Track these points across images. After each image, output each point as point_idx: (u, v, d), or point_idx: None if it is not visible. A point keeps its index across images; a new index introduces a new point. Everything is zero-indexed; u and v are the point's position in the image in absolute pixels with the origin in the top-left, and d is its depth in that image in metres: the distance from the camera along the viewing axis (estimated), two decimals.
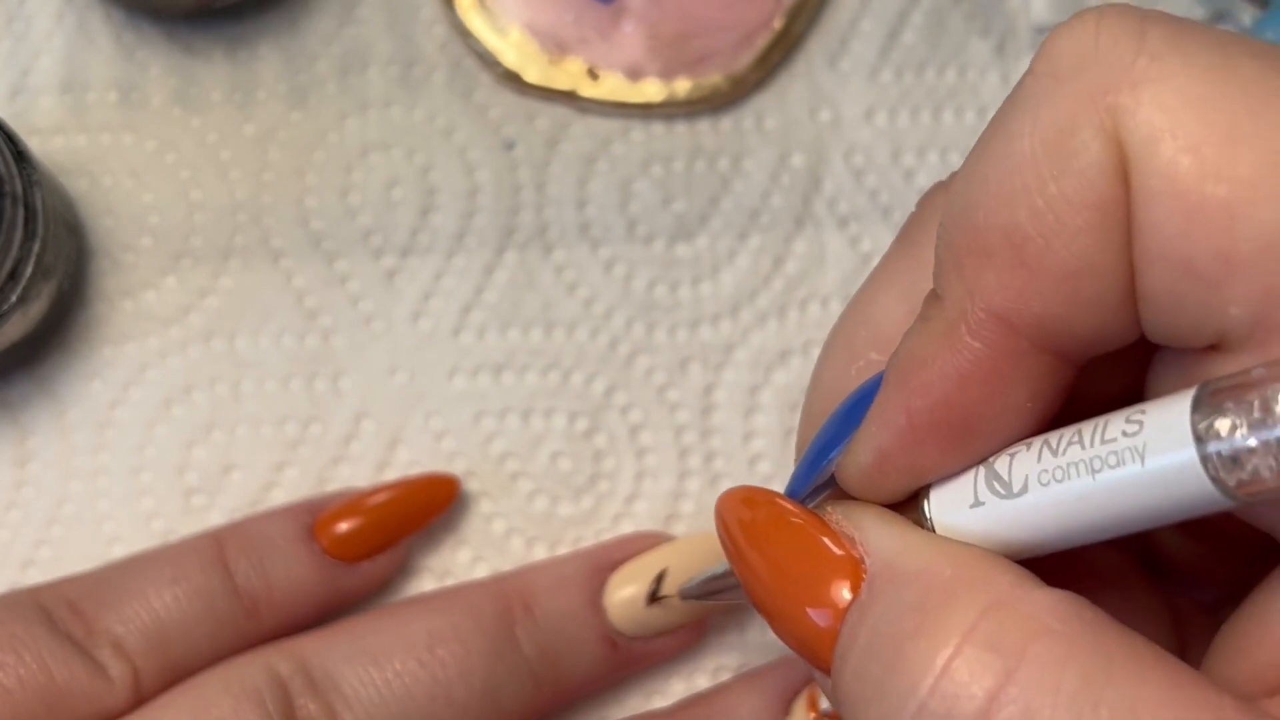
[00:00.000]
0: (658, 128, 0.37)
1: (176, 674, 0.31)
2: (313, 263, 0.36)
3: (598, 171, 0.37)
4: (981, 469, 0.22)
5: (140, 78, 0.36)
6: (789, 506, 0.23)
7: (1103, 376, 0.22)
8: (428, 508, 0.34)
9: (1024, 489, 0.21)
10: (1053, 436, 0.21)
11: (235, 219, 0.36)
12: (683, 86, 0.37)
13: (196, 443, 0.35)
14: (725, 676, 0.35)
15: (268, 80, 0.36)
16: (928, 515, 0.22)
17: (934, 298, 0.22)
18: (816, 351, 0.36)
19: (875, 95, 0.37)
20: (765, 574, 0.23)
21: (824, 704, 0.32)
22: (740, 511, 0.23)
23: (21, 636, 0.30)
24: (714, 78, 0.37)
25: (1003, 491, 0.21)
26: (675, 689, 0.35)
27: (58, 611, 0.30)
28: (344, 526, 0.33)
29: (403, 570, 0.35)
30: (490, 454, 0.35)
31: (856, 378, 0.25)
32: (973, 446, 0.22)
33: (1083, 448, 0.20)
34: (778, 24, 0.37)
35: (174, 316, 0.36)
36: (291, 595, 0.32)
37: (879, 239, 0.37)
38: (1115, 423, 0.20)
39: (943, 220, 0.22)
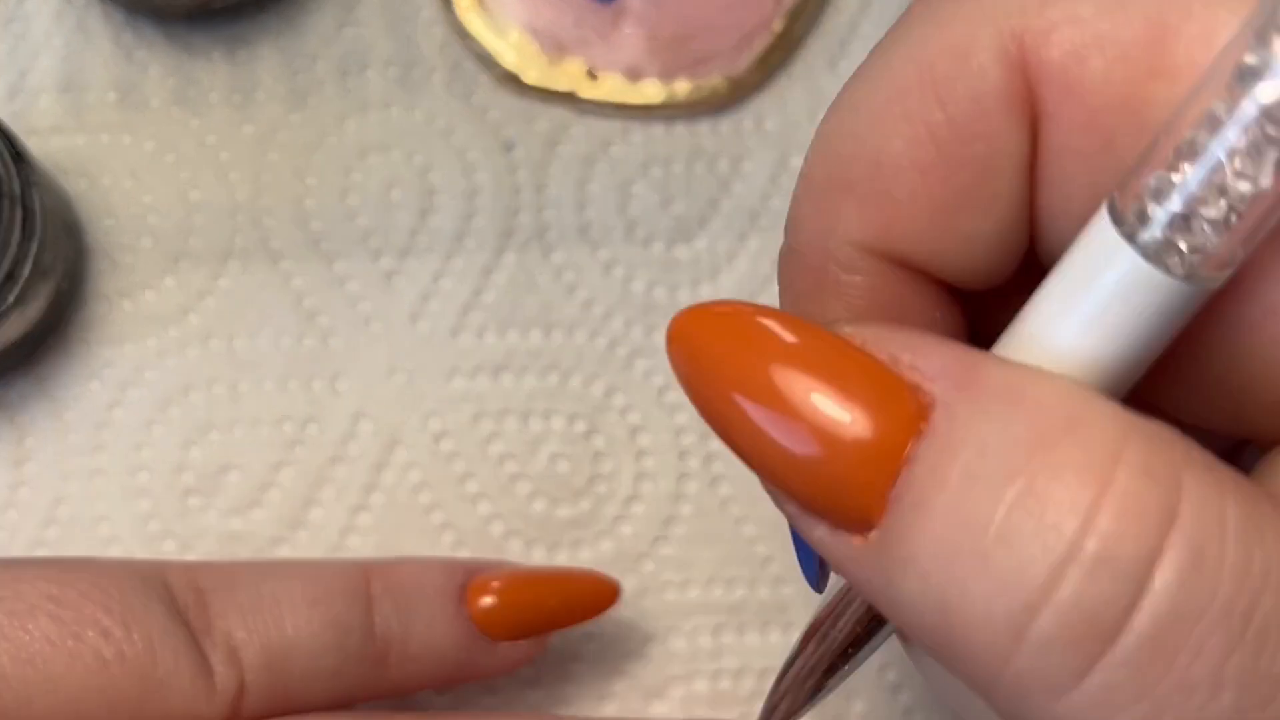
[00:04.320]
0: (657, 129, 0.37)
1: (285, 701, 0.28)
2: (312, 264, 0.36)
3: (597, 173, 0.37)
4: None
5: (139, 78, 0.36)
6: (792, 334, 0.18)
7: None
8: (585, 608, 0.31)
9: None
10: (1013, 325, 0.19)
11: (234, 220, 0.36)
12: (682, 88, 0.37)
13: (194, 443, 0.35)
14: (724, 681, 0.35)
15: (267, 81, 0.36)
16: None
17: (788, 250, 0.20)
18: None
19: None
20: (829, 464, 0.17)
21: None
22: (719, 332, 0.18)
23: (137, 610, 0.27)
24: (714, 79, 0.37)
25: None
26: (674, 693, 0.35)
27: (182, 594, 0.28)
28: (496, 601, 0.30)
29: None
30: (489, 455, 0.35)
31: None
32: None
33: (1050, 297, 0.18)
34: (777, 26, 0.37)
35: (172, 317, 0.35)
36: (426, 651, 0.30)
37: None
38: (1059, 275, 0.18)
39: (806, 156, 0.20)
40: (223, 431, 0.35)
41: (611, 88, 0.36)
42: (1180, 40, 0.18)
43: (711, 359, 0.18)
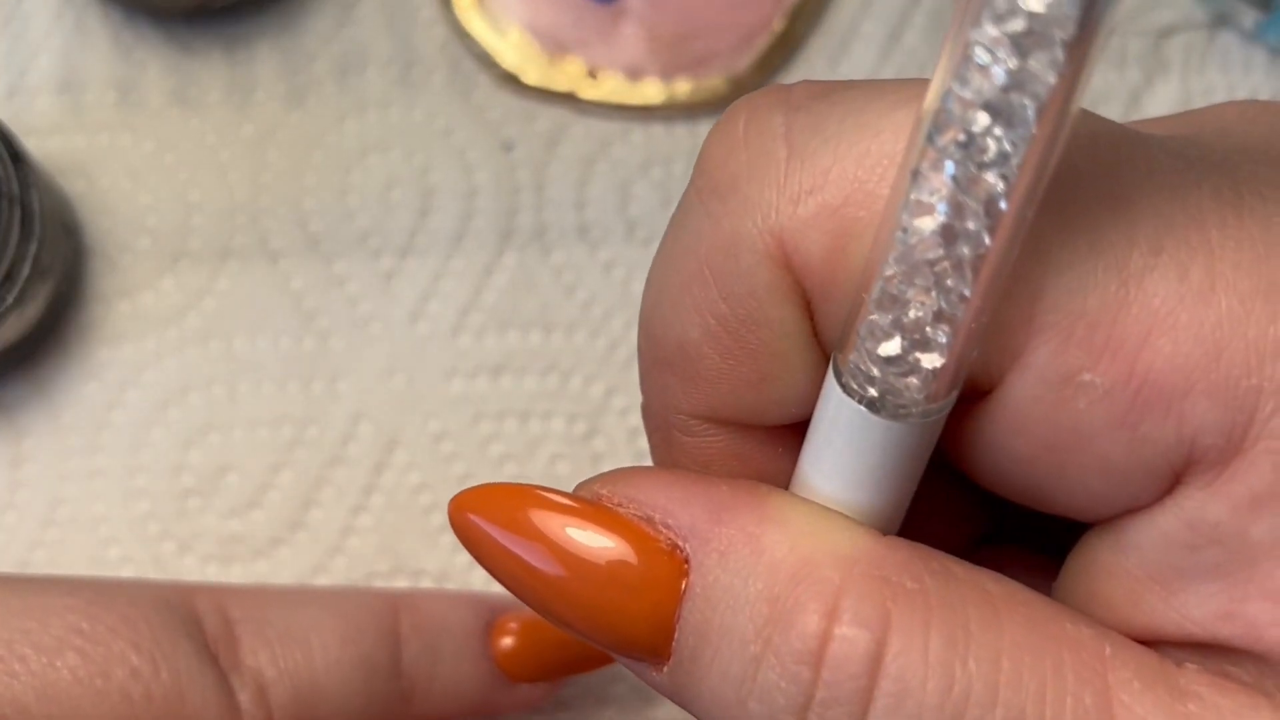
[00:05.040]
0: (657, 129, 0.37)
1: None
2: (311, 264, 0.36)
3: (597, 173, 0.36)
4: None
5: (138, 78, 0.36)
6: (563, 499, 0.21)
7: None
8: (604, 654, 0.32)
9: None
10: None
11: (233, 220, 0.36)
12: (683, 88, 0.37)
13: (193, 445, 0.35)
14: None
15: (266, 81, 0.36)
16: None
17: (642, 406, 0.22)
18: None
19: None
20: (569, 582, 0.20)
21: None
22: (509, 517, 0.21)
23: (165, 646, 0.27)
24: (714, 79, 0.37)
25: None
26: None
27: (211, 624, 0.28)
28: (518, 643, 0.31)
29: (402, 572, 0.35)
30: (488, 456, 0.35)
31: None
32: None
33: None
34: (778, 25, 0.37)
35: (171, 318, 0.35)
36: (450, 691, 0.30)
37: None
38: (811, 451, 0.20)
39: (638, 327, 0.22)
40: (222, 432, 0.35)
41: (611, 88, 0.36)
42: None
43: (483, 509, 0.21)
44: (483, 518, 0.21)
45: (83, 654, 0.26)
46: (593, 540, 0.20)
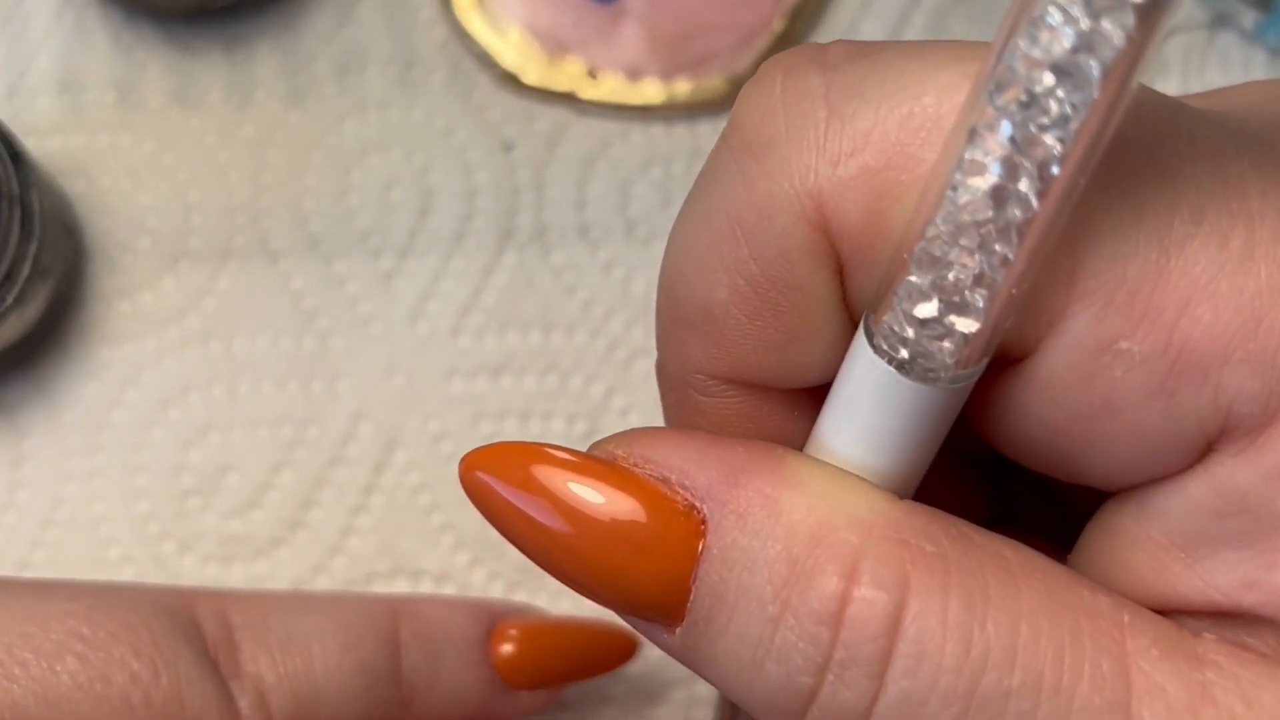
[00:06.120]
0: (657, 129, 0.37)
1: None
2: (311, 264, 0.36)
3: (597, 173, 0.37)
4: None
5: (138, 78, 0.36)
6: (572, 456, 0.21)
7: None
8: (602, 661, 0.32)
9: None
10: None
11: (233, 220, 0.36)
12: (682, 88, 0.37)
13: (193, 444, 0.35)
14: None
15: (266, 81, 0.36)
16: None
17: (656, 366, 0.22)
18: None
19: None
20: (575, 539, 0.20)
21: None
22: (521, 476, 0.21)
23: (165, 651, 0.27)
24: (714, 79, 0.37)
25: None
26: (675, 695, 0.35)
27: (211, 630, 0.28)
28: (517, 650, 0.31)
29: (402, 573, 0.35)
30: None
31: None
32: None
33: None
34: (778, 25, 0.37)
35: (171, 318, 0.35)
36: (450, 697, 0.30)
37: None
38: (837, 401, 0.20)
39: (657, 288, 0.22)
40: (222, 432, 0.35)
41: (611, 88, 0.36)
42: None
43: (491, 466, 0.21)
44: (491, 474, 0.21)
45: (83, 659, 0.26)
46: (600, 497, 0.20)
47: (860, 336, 0.19)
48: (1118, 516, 0.20)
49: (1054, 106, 0.17)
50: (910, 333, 0.18)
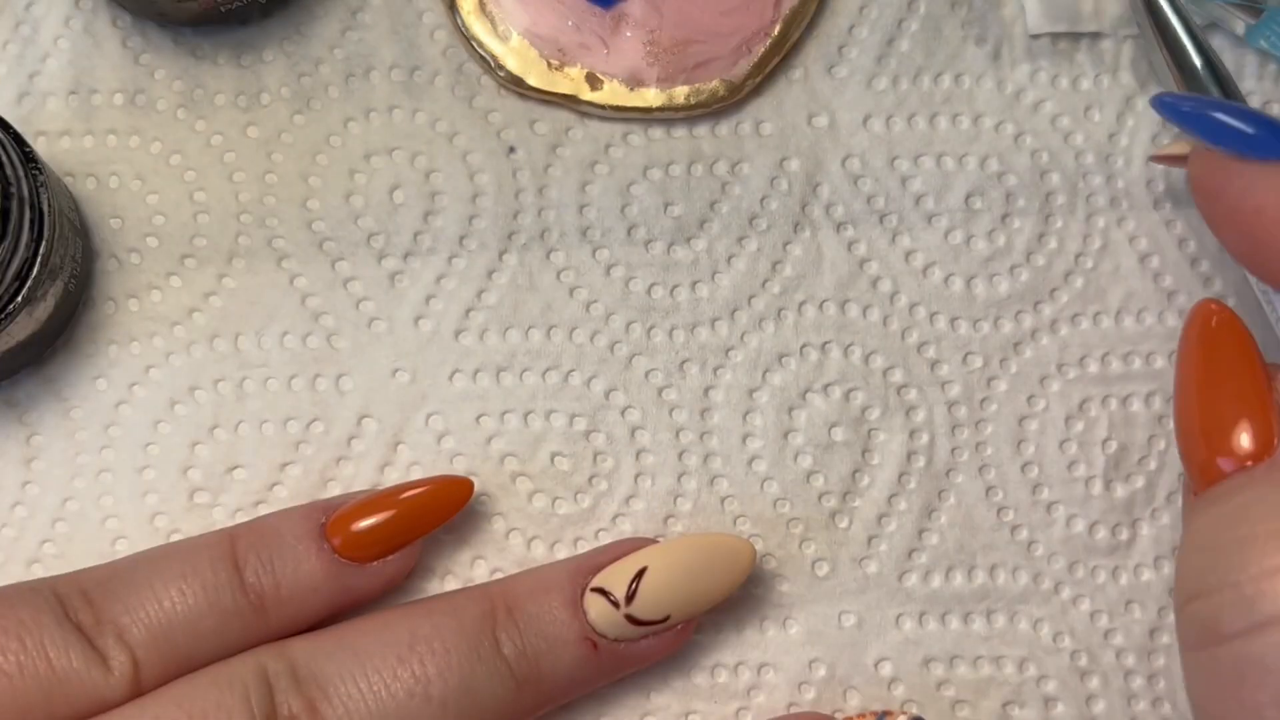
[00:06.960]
0: (657, 133, 0.37)
1: (179, 667, 0.31)
2: (316, 264, 0.36)
3: (598, 175, 0.37)
4: None
5: (146, 81, 0.37)
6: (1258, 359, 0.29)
7: None
8: (440, 510, 0.34)
9: None
10: None
11: (240, 221, 0.36)
12: (682, 92, 0.37)
13: (200, 441, 0.35)
14: (723, 675, 0.35)
15: (272, 84, 0.37)
16: None
17: None
18: (812, 354, 0.36)
19: (872, 102, 0.38)
20: (1200, 389, 0.28)
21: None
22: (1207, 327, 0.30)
23: (28, 623, 0.30)
24: (713, 84, 0.37)
25: None
26: (674, 685, 0.35)
27: (71, 600, 0.31)
28: (356, 526, 0.33)
29: None
30: (491, 454, 0.36)
31: None
32: None
33: None
34: (775, 31, 0.37)
35: (179, 317, 0.36)
36: (299, 593, 0.32)
37: (874, 243, 0.37)
38: None
39: None
40: (229, 430, 0.35)
41: (612, 92, 0.37)
42: None
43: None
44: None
45: None
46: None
47: None
48: None
49: None
50: None
